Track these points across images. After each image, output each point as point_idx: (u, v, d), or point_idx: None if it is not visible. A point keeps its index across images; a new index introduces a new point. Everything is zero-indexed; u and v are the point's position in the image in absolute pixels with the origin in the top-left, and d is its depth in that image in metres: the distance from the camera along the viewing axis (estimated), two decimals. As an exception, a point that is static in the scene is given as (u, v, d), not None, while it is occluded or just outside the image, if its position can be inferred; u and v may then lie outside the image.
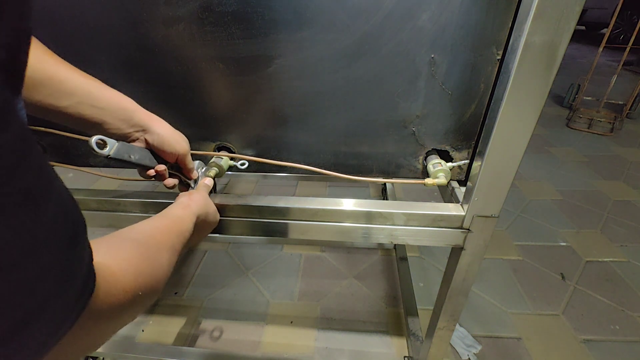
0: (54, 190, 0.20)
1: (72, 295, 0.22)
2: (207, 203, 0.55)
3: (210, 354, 1.02)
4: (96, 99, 0.44)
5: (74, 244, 0.22)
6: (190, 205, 0.51)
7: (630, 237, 1.55)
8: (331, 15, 0.51)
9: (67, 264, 0.21)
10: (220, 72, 0.58)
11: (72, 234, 0.22)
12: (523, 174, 2.06)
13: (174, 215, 0.47)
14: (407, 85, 0.56)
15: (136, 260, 0.33)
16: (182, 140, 0.54)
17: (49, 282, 0.19)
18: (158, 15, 0.53)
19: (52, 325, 0.20)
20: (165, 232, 0.42)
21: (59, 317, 0.21)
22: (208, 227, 0.56)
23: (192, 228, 0.48)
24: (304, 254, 1.48)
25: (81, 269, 0.23)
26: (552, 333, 1.14)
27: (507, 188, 0.52)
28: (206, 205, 0.54)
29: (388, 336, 1.13)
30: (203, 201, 0.54)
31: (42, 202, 0.18)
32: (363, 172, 0.67)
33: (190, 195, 0.53)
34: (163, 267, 0.38)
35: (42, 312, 0.19)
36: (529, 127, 0.46)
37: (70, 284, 0.21)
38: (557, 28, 0.39)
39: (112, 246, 0.33)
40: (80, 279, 0.22)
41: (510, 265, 1.41)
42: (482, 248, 0.59)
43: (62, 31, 0.57)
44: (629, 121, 2.81)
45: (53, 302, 0.20)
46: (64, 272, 0.21)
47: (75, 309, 0.22)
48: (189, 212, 0.49)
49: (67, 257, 0.21)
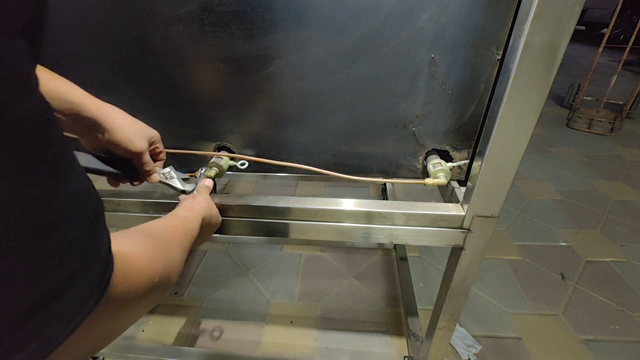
0: (75, 165, 0.20)
1: (96, 273, 0.22)
2: (210, 205, 0.55)
3: (210, 354, 1.02)
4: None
5: (95, 222, 0.22)
6: (194, 207, 0.51)
7: (630, 237, 1.55)
8: (331, 15, 0.51)
9: (91, 241, 0.21)
10: (221, 72, 0.58)
11: (94, 212, 0.22)
12: (523, 174, 2.06)
13: (180, 216, 0.47)
14: (407, 85, 0.56)
15: (151, 248, 0.34)
16: (138, 137, 0.48)
17: (77, 256, 0.19)
18: (158, 15, 0.53)
19: (79, 301, 0.20)
20: (174, 230, 0.42)
21: (85, 293, 0.21)
22: (211, 229, 0.56)
23: (198, 229, 0.48)
24: (304, 254, 1.48)
25: (103, 249, 0.23)
26: (552, 333, 1.14)
27: (507, 188, 0.52)
28: (209, 207, 0.54)
29: (388, 336, 1.13)
30: (206, 203, 0.54)
31: (68, 173, 0.19)
32: (363, 172, 0.67)
33: (194, 198, 0.53)
34: (175, 260, 0.38)
35: (71, 285, 0.19)
36: (529, 127, 0.46)
37: (94, 261, 0.22)
38: (557, 28, 0.39)
39: (126, 237, 0.34)
40: (102, 258, 0.23)
41: (510, 265, 1.41)
42: (482, 248, 0.59)
43: (62, 31, 0.57)
44: (629, 121, 2.81)
45: (80, 276, 0.20)
46: (89, 249, 0.21)
47: (99, 288, 0.22)
48: (194, 214, 0.49)
49: (90, 234, 0.21)
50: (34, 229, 0.16)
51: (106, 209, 0.64)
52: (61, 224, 0.18)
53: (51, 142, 0.17)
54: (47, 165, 0.17)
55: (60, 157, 0.18)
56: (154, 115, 0.64)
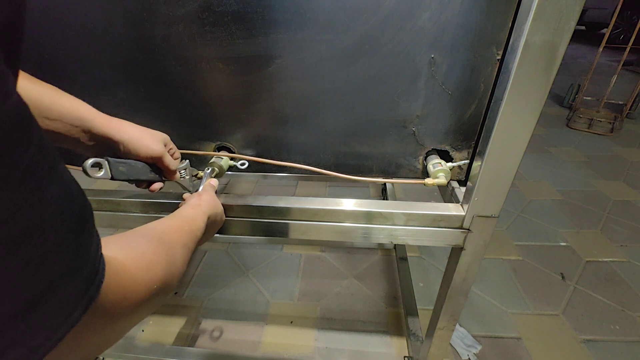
0: (57, 172, 0.20)
1: (81, 281, 0.21)
2: (216, 203, 0.55)
3: (210, 354, 1.02)
4: (48, 110, 0.39)
5: (81, 229, 0.21)
6: (200, 204, 0.51)
7: (630, 237, 1.55)
8: (331, 15, 0.51)
9: (74, 248, 0.21)
10: (220, 72, 0.58)
11: (79, 219, 0.21)
12: (523, 174, 2.06)
13: (185, 215, 0.47)
14: (407, 85, 0.56)
15: (149, 254, 0.33)
16: (154, 142, 0.49)
17: (57, 264, 0.19)
18: (158, 15, 0.53)
19: (61, 311, 0.20)
20: (178, 231, 0.42)
21: (68, 303, 0.20)
22: (216, 227, 0.56)
23: (204, 227, 0.48)
24: (304, 254, 1.48)
25: (89, 256, 0.22)
26: (552, 333, 1.14)
27: (507, 188, 0.52)
28: (215, 205, 0.55)
29: (388, 336, 1.13)
30: (212, 201, 0.54)
31: (46, 181, 0.18)
32: (363, 172, 0.67)
33: (200, 196, 0.53)
34: (177, 263, 0.37)
35: (50, 295, 0.19)
36: (529, 127, 0.46)
37: (79, 269, 0.21)
38: (557, 28, 0.39)
39: (123, 242, 0.33)
40: (88, 265, 0.22)
41: (510, 265, 1.41)
42: (482, 248, 0.59)
43: (62, 31, 0.57)
44: (629, 121, 2.81)
45: (61, 285, 0.19)
46: (72, 256, 0.20)
47: (86, 296, 0.22)
48: (199, 212, 0.49)
49: (74, 241, 0.21)
50: (7, 236, 0.16)
51: (106, 209, 0.64)
52: (38, 230, 0.18)
53: (27, 148, 0.17)
54: (21, 172, 0.16)
55: (37, 163, 0.18)
56: (154, 115, 0.64)
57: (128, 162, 0.46)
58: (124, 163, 0.45)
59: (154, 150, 0.48)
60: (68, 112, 0.41)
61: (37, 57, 0.59)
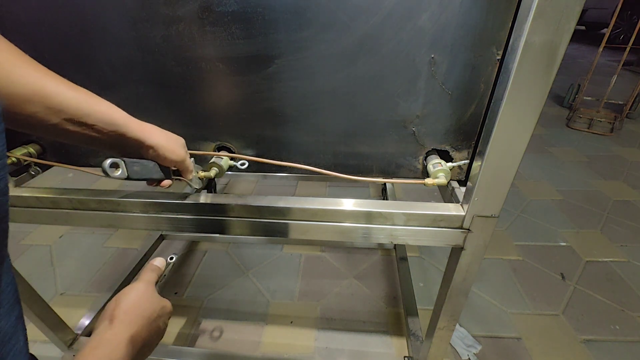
0: None
1: None
2: (144, 308, 0.40)
3: (210, 354, 1.02)
4: (86, 115, 0.40)
5: None
6: (114, 325, 0.36)
7: (630, 237, 1.55)
8: (331, 15, 0.51)
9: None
10: (221, 72, 0.58)
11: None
12: (523, 174, 2.06)
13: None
14: (407, 85, 0.56)
15: None
16: (178, 146, 0.50)
17: None
18: (158, 15, 0.53)
19: None
20: None
21: None
22: (156, 338, 0.41)
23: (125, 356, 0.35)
24: (304, 254, 1.48)
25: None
26: (552, 333, 1.14)
27: (507, 188, 0.52)
28: (142, 311, 0.39)
29: (388, 336, 1.13)
30: (137, 310, 0.39)
31: None
32: (363, 172, 0.67)
33: (118, 304, 0.39)
34: None
35: None
36: (529, 127, 0.46)
37: None
38: (557, 28, 0.39)
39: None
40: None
41: (510, 265, 1.41)
42: (482, 248, 0.59)
43: (62, 31, 0.57)
44: (629, 121, 2.81)
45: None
46: None
47: None
48: (112, 338, 0.35)
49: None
50: None
51: (106, 209, 0.64)
52: None
53: None
54: None
55: None
56: (154, 115, 0.64)
57: (141, 162, 0.47)
58: (138, 163, 0.47)
59: (179, 154, 0.50)
60: (104, 117, 0.42)
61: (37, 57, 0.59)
